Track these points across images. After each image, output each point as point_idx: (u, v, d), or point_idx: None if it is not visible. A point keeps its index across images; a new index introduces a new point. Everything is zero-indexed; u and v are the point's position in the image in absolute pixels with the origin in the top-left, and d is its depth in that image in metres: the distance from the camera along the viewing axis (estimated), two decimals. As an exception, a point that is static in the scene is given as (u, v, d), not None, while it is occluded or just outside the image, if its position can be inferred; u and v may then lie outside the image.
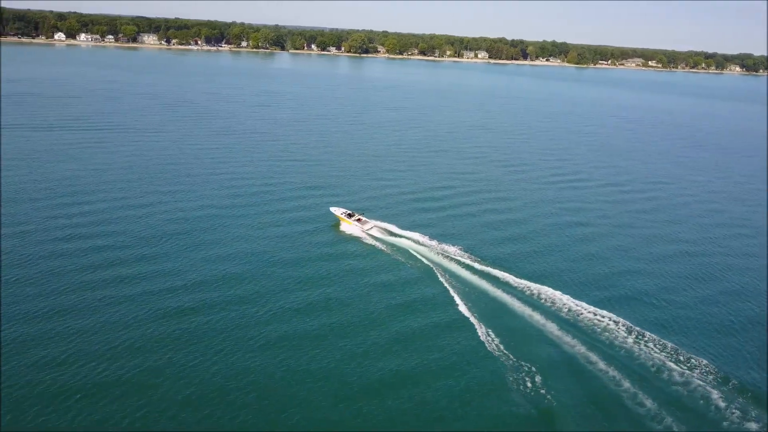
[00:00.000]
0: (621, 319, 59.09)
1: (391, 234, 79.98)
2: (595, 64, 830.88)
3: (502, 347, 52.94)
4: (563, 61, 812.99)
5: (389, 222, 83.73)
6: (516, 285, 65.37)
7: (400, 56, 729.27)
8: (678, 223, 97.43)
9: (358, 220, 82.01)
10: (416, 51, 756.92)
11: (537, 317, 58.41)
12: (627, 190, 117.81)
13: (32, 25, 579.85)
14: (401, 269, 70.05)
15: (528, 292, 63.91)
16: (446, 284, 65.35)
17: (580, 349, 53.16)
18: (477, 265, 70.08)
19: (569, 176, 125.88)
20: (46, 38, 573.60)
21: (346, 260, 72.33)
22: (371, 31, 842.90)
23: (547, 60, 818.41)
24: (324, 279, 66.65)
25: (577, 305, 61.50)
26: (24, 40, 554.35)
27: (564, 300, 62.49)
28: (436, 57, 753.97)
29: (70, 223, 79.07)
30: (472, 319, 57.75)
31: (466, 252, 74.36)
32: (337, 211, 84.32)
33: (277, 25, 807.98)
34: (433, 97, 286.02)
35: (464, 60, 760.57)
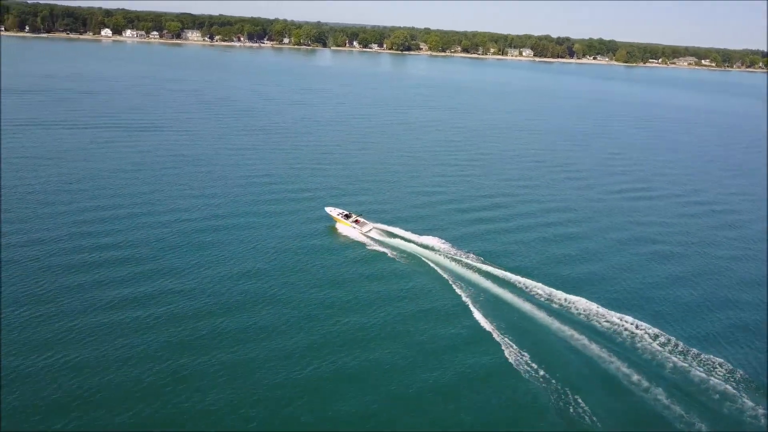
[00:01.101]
0: (675, 339, 53.91)
1: (393, 236, 75.17)
2: (644, 63, 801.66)
3: (530, 362, 49.02)
4: (611, 59, 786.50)
5: (393, 225, 78.76)
6: (540, 294, 61.02)
7: (443, 54, 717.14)
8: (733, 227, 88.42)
9: (356, 221, 76.83)
10: (459, 48, 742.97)
11: (563, 327, 54.34)
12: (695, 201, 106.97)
13: (80, 21, 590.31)
14: (408, 275, 65.71)
15: (551, 300, 59.87)
16: (460, 291, 61.02)
17: (620, 365, 48.92)
18: (494, 271, 65.74)
19: (631, 185, 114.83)
20: (93, 34, 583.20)
21: (347, 266, 67.83)
22: (413, 29, 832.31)
23: (594, 58, 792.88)
24: (326, 285, 62.48)
25: (618, 318, 56.79)
26: (72, 36, 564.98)
27: (600, 311, 57.96)
28: (479, 54, 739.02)
29: (79, 221, 76.61)
30: (493, 331, 53.76)
31: (480, 256, 69.81)
32: (333, 211, 79.14)
33: (319, 22, 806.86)
34: (479, 96, 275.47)
35: (508, 58, 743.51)
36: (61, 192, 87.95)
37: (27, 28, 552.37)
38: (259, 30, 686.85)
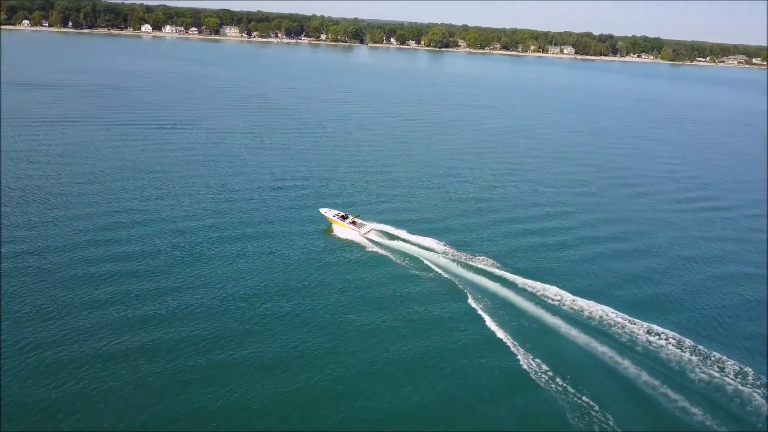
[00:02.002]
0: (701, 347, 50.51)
1: (394, 238, 71.08)
2: (691, 61, 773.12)
3: (547, 372, 46.07)
4: (656, 57, 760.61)
5: (392, 226, 74.28)
6: (554, 300, 57.28)
7: (481, 51, 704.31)
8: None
9: (353, 222, 73.10)
10: (498, 45, 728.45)
11: (581, 336, 50.83)
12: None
13: (121, 17, 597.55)
14: (414, 280, 61.80)
15: (570, 307, 55.93)
16: (471, 297, 57.35)
17: (642, 374, 46.01)
18: (508, 276, 61.91)
19: (693, 194, 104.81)
20: (134, 30, 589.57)
21: (349, 270, 63.95)
22: (450, 26, 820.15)
23: (638, 56, 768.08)
24: (329, 291, 58.88)
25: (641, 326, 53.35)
26: (113, 32, 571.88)
27: (618, 319, 54.23)
28: (519, 52, 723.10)
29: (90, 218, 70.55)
30: (506, 339, 50.32)
31: (491, 260, 66.05)
32: (329, 212, 75.11)
33: (356, 18, 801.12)
34: (518, 94, 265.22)
35: (549, 55, 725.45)
36: (77, 194, 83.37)
37: (70, 23, 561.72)
38: (297, 26, 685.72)
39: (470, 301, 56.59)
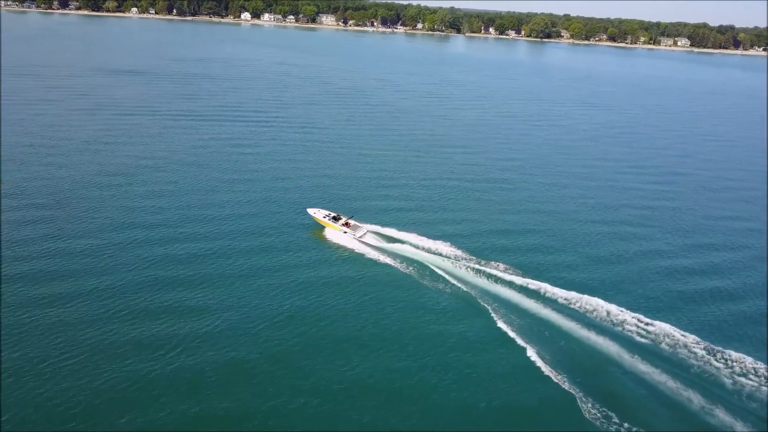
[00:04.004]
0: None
1: (393, 241, 64.92)
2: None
3: (551, 368, 43.66)
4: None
5: (393, 228, 67.93)
6: (596, 312, 51.95)
7: (586, 42, 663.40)
8: None
9: (346, 224, 66.49)
10: (604, 37, 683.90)
11: (607, 344, 47.11)
12: None
13: (223, 4, 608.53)
14: (419, 287, 55.61)
15: (594, 313, 51.73)
16: (487, 307, 51.88)
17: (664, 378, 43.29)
18: (528, 283, 56.15)
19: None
20: (234, 18, 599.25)
21: (345, 279, 57.06)
22: (551, 15, 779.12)
23: (763, 49, 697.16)
24: (329, 299, 53.00)
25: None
26: (214, 19, 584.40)
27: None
28: (627, 44, 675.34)
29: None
30: (544, 366, 44.51)
31: (506, 265, 60.03)
32: (318, 213, 69.07)
33: (453, 7, 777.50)
34: (661, 94, 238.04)
35: (661, 47, 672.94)
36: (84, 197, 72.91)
37: (174, 11, 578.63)
38: (393, 15, 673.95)
39: (493, 316, 50.19)
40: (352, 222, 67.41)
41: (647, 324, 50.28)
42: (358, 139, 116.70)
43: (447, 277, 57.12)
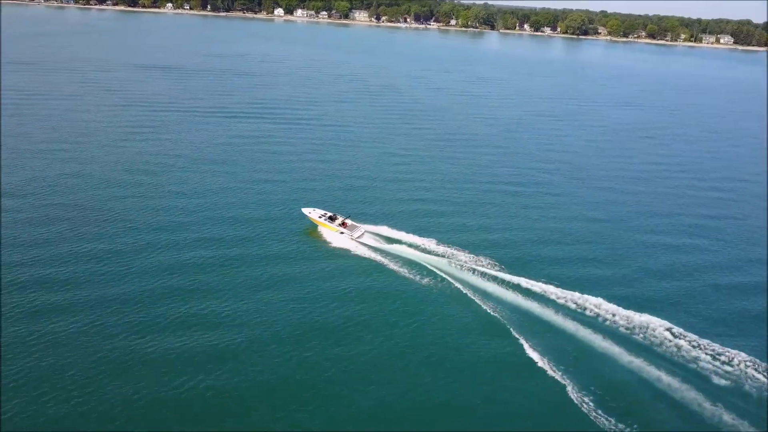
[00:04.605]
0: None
1: (393, 242, 62.79)
2: None
3: (585, 394, 40.84)
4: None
5: (394, 229, 65.42)
6: (605, 316, 49.88)
7: (624, 39, 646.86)
8: None
9: (343, 224, 64.21)
10: (643, 34, 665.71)
11: (613, 346, 45.22)
12: None
13: (256, 1, 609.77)
14: (422, 290, 53.62)
15: (596, 313, 49.92)
16: (486, 307, 50.55)
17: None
18: (531, 285, 54.21)
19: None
20: (267, 14, 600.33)
21: (344, 281, 55.07)
22: (588, 11, 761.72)
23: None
24: (329, 304, 50.88)
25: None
26: (248, 15, 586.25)
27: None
28: (667, 41, 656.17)
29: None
30: (535, 356, 44.27)
31: (499, 264, 58.48)
32: (313, 213, 66.72)
33: (486, 3, 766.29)
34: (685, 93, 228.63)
35: (703, 45, 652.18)
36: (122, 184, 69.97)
37: (208, 6, 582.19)
38: (426, 11, 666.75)
39: (518, 338, 46.77)
40: (349, 222, 65.41)
41: (720, 353, 45.06)
42: (388, 138, 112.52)
43: (444, 275, 55.39)
